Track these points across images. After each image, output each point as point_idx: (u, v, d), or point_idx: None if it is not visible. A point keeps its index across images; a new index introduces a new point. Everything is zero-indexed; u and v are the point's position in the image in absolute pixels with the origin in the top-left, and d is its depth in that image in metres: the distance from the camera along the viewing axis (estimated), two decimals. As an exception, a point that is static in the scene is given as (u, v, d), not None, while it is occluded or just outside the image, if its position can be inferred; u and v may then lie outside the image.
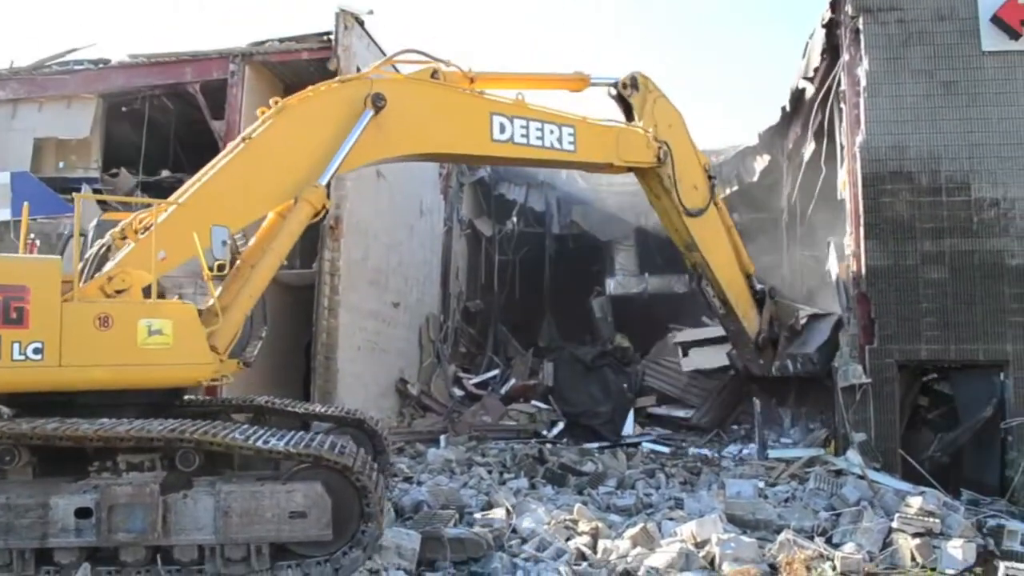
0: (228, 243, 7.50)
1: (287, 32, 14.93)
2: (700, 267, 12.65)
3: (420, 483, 10.37)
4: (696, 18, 59.47)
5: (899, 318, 11.29)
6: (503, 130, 9.97)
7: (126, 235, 7.79)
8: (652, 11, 60.78)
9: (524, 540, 7.71)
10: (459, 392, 17.91)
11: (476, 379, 18.60)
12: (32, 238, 7.98)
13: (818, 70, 14.00)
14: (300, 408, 9.32)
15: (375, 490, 6.49)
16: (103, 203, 11.73)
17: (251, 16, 56.32)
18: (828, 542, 7.75)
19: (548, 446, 13.68)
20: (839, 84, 12.69)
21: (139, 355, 7.00)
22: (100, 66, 15.59)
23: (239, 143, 8.40)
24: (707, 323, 17.36)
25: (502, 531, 7.90)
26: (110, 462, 6.51)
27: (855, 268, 11.79)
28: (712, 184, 12.35)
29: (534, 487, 10.63)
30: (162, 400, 7.68)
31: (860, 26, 11.74)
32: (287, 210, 8.35)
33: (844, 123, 12.49)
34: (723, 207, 12.82)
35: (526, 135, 10.14)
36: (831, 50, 13.15)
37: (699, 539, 7.51)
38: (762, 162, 19.80)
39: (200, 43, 17.78)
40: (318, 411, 9.39)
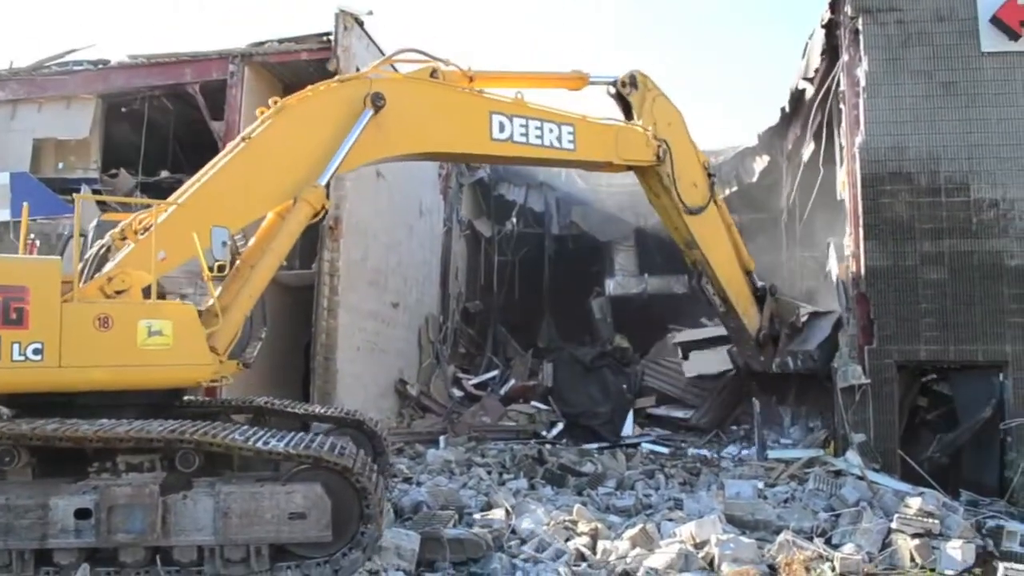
0: (228, 243, 7.49)
1: (287, 33, 14.95)
2: (700, 265, 12.66)
3: (419, 484, 10.37)
4: (696, 18, 59.57)
5: (898, 319, 11.29)
6: (502, 129, 9.97)
7: (126, 236, 7.79)
8: (652, 11, 60.89)
9: (523, 541, 7.71)
10: (458, 393, 17.90)
11: (475, 380, 18.59)
12: (32, 239, 7.98)
13: (818, 71, 14.00)
14: (299, 409, 9.32)
15: (375, 491, 6.50)
16: (102, 204, 11.72)
17: (251, 16, 56.41)
18: (827, 543, 7.74)
19: (547, 447, 13.67)
20: (838, 85, 12.69)
21: (139, 356, 7.00)
22: (100, 67, 15.58)
23: (238, 143, 8.39)
24: (706, 324, 17.37)
25: (501, 532, 7.90)
26: (110, 463, 6.51)
27: (854, 269, 11.80)
28: (711, 182, 12.36)
29: (533, 488, 10.63)
30: (162, 401, 7.68)
31: (859, 27, 11.75)
32: (286, 210, 8.35)
33: (843, 124, 12.49)
34: (723, 205, 12.82)
35: (525, 134, 10.14)
36: (831, 51, 13.16)
37: (698, 540, 7.51)
38: (761, 163, 19.81)
39: (200, 43, 17.91)
40: (317, 412, 9.39)
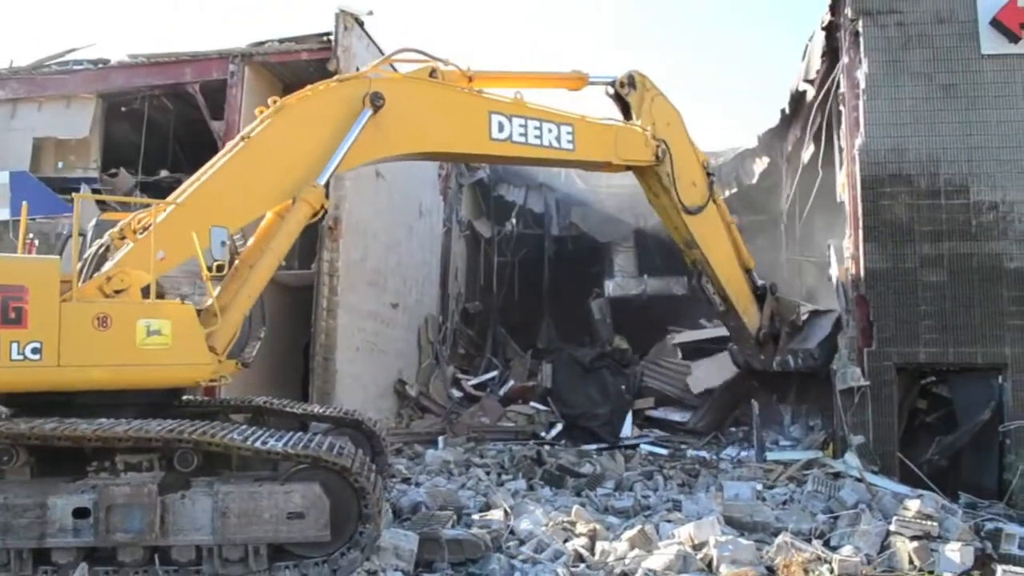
0: (227, 243, 7.49)
1: (287, 32, 14.92)
2: (700, 264, 12.64)
3: (418, 484, 10.37)
4: (696, 18, 59.60)
5: (898, 321, 11.29)
6: (502, 129, 9.96)
7: (125, 235, 7.79)
8: (652, 11, 60.91)
9: (522, 541, 7.72)
10: (457, 393, 17.89)
11: (475, 380, 18.58)
12: (31, 238, 7.96)
13: (818, 72, 14.01)
14: (298, 409, 9.32)
15: (373, 491, 6.50)
16: (102, 203, 11.72)
17: (251, 16, 56.39)
18: (826, 545, 7.74)
19: (546, 448, 13.64)
20: (838, 87, 12.69)
21: (138, 355, 7.00)
22: (100, 66, 15.57)
23: (238, 142, 8.38)
24: (705, 325, 17.38)
25: (500, 532, 7.90)
26: (108, 462, 6.51)
27: (854, 271, 11.80)
28: (711, 181, 12.34)
29: (532, 488, 10.62)
30: (161, 400, 7.69)
31: (860, 29, 11.74)
32: (285, 210, 8.34)
33: (843, 126, 12.50)
34: (722, 204, 12.80)
35: (524, 134, 10.12)
36: (831, 53, 13.16)
37: (697, 541, 7.51)
38: (761, 164, 19.82)
39: (200, 43, 17.88)
40: (316, 412, 9.39)
